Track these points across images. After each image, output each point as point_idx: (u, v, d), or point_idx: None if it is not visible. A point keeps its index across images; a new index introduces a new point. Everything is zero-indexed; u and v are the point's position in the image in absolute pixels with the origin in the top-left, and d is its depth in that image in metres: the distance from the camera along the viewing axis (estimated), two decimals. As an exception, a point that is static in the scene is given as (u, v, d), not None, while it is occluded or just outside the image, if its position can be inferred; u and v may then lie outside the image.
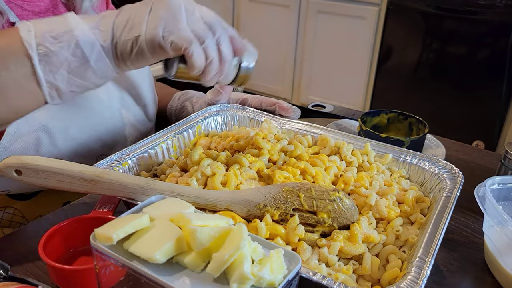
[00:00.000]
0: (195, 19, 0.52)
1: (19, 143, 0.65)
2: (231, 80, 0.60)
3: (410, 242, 0.53)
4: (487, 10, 2.01)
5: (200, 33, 0.52)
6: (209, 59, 0.53)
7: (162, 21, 0.50)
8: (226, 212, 0.53)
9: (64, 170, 0.50)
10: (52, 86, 0.50)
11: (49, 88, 0.50)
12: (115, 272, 0.37)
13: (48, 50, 0.48)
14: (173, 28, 0.50)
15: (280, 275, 0.34)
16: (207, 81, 0.55)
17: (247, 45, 0.59)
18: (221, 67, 0.55)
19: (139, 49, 0.51)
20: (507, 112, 2.10)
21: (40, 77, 0.49)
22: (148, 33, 0.50)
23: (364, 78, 2.49)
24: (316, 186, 0.55)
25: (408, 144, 0.79)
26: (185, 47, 0.50)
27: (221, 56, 0.54)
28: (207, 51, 0.52)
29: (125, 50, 0.51)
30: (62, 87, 0.50)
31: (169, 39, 0.50)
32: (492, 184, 0.61)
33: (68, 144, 0.70)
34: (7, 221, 0.73)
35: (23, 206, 0.73)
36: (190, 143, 0.74)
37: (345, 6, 2.42)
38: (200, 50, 0.52)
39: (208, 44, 0.52)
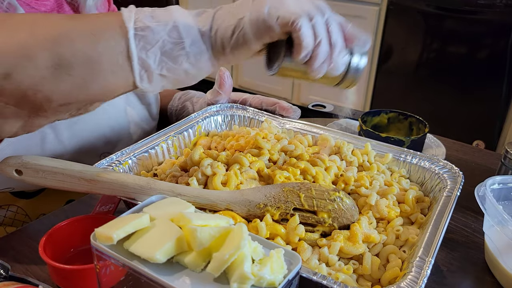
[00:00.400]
0: (303, 0, 0.48)
1: (25, 138, 0.65)
2: (339, 79, 0.53)
3: (410, 242, 0.53)
4: (487, 10, 2.01)
5: (309, 9, 0.47)
6: (318, 38, 0.48)
7: (267, 2, 0.47)
8: (226, 212, 0.53)
9: (65, 170, 0.50)
10: (143, 64, 0.48)
11: (140, 65, 0.48)
12: (116, 272, 0.37)
13: (144, 25, 0.47)
14: (278, 5, 0.47)
15: (281, 275, 0.34)
16: (314, 70, 0.50)
17: (359, 33, 0.52)
18: (331, 52, 0.49)
19: (242, 31, 0.48)
20: (507, 112, 2.10)
21: (132, 53, 0.47)
22: (253, 13, 0.47)
23: (364, 78, 2.49)
24: (316, 186, 0.55)
25: (408, 144, 0.79)
26: (292, 20, 0.46)
27: (330, 38, 0.49)
28: (316, 29, 0.47)
29: (226, 34, 0.48)
30: (152, 67, 0.48)
31: (275, 15, 0.46)
32: (492, 184, 0.61)
33: (73, 141, 0.71)
34: (10, 219, 0.73)
35: (26, 205, 0.73)
36: (190, 143, 0.74)
37: (345, 6, 2.42)
38: (309, 26, 0.47)
39: (317, 21, 0.47)
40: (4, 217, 0.72)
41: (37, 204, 0.74)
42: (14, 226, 0.73)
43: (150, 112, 0.85)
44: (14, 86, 0.43)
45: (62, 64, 0.44)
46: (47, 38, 0.44)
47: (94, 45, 0.45)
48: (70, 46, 0.45)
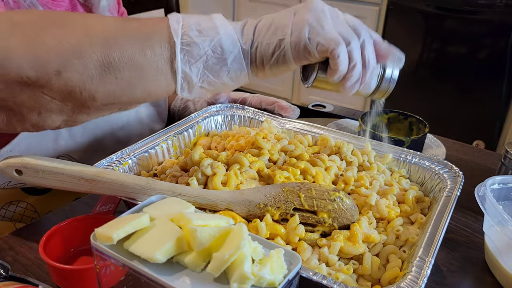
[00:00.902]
0: (340, 21, 0.51)
1: (39, 134, 0.65)
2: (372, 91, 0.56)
3: (410, 242, 0.53)
4: (487, 10, 2.01)
5: (346, 34, 0.50)
6: (352, 63, 0.50)
7: (307, 24, 0.49)
8: (226, 212, 0.53)
9: (65, 170, 0.50)
10: (185, 76, 0.50)
11: (183, 78, 0.50)
12: (116, 272, 0.37)
13: (191, 41, 0.48)
14: (319, 30, 0.49)
15: (281, 275, 0.34)
16: (347, 89, 0.52)
17: (392, 50, 0.55)
18: (364, 73, 0.52)
19: (282, 52, 0.49)
20: (507, 112, 2.10)
21: (177, 65, 0.49)
22: (294, 35, 0.49)
23: (364, 78, 2.49)
24: (316, 186, 0.55)
25: (408, 143, 0.79)
26: (332, 48, 0.48)
27: (364, 61, 0.51)
28: (352, 54, 0.50)
29: (267, 53, 0.50)
30: (194, 80, 0.50)
31: (315, 41, 0.48)
32: (492, 184, 0.61)
33: (86, 138, 0.72)
34: (19, 215, 0.74)
35: (36, 201, 0.74)
36: (190, 143, 0.74)
37: (345, 6, 2.42)
38: (345, 52, 0.49)
39: (353, 47, 0.50)
40: (14, 212, 0.73)
41: (47, 201, 0.75)
42: (23, 222, 0.74)
43: (160, 113, 0.86)
44: (63, 83, 0.45)
45: (110, 66, 0.46)
46: (99, 39, 0.46)
47: (143, 51, 0.47)
48: (119, 49, 0.46)
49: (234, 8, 2.87)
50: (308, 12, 0.50)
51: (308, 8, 0.50)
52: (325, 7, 0.51)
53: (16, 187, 0.71)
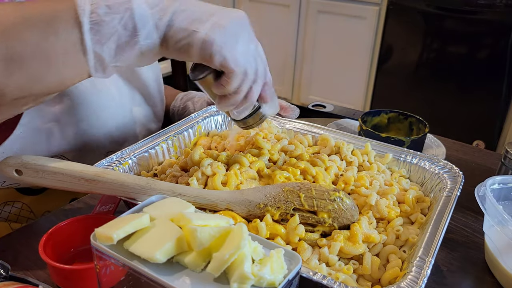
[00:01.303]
0: (251, 49, 0.52)
1: (32, 135, 0.65)
2: (242, 118, 0.60)
3: (410, 242, 0.53)
4: (487, 10, 2.01)
5: (249, 67, 0.52)
6: (239, 89, 0.53)
7: (224, 31, 0.49)
8: (226, 212, 0.53)
9: (64, 170, 0.50)
10: (97, 57, 0.48)
11: (95, 59, 0.48)
12: (116, 272, 0.37)
13: (99, 19, 0.46)
14: (231, 45, 0.49)
15: (281, 275, 0.34)
16: (221, 106, 0.55)
17: (274, 97, 0.60)
18: (242, 102, 0.55)
19: (190, 43, 0.49)
20: (507, 112, 2.10)
21: (87, 47, 0.47)
22: (206, 35, 0.48)
23: (364, 78, 2.49)
24: (316, 186, 0.55)
25: (408, 144, 0.79)
26: (232, 71, 0.50)
27: (248, 94, 0.54)
28: (242, 84, 0.52)
29: (176, 37, 0.49)
30: (107, 59, 0.48)
31: (223, 54, 0.49)
32: (492, 184, 0.61)
33: (79, 138, 0.71)
34: (15, 215, 0.73)
35: (31, 201, 0.74)
36: (190, 143, 0.74)
37: (345, 6, 2.42)
38: (240, 78, 0.51)
39: (248, 79, 0.52)
40: (9, 213, 0.72)
41: (42, 201, 0.74)
42: (19, 223, 0.73)
43: (156, 112, 0.86)
44: None
45: (14, 59, 0.44)
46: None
47: (46, 37, 0.45)
48: (20, 39, 0.44)
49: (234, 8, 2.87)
50: (231, 20, 0.50)
51: (232, 17, 0.50)
52: (247, 25, 0.52)
53: (10, 187, 0.70)
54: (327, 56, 2.61)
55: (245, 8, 2.82)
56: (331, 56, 2.59)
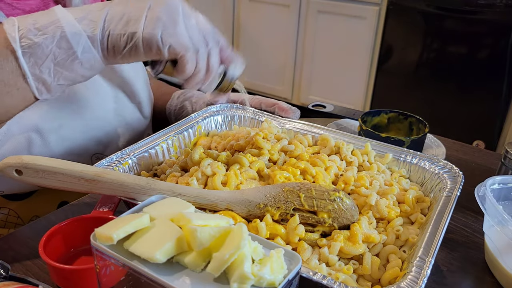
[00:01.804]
0: (192, 25, 0.52)
1: (10, 144, 0.64)
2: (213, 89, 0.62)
3: (410, 242, 0.53)
4: (487, 10, 2.01)
5: (196, 42, 0.52)
6: (197, 68, 0.54)
7: (160, 22, 0.49)
8: (226, 212, 0.53)
9: (65, 170, 0.50)
10: (38, 79, 0.49)
11: (36, 81, 0.49)
12: (116, 272, 0.37)
13: (31, 42, 0.47)
14: (171, 31, 0.50)
15: (281, 275, 0.34)
16: (188, 86, 0.56)
17: (235, 57, 0.60)
18: (206, 77, 0.56)
19: (134, 45, 0.50)
20: (507, 112, 2.10)
21: (25, 71, 0.47)
22: (146, 32, 0.49)
23: (364, 78, 2.49)
24: (316, 186, 0.55)
25: (408, 144, 0.79)
26: (182, 54, 0.50)
27: (209, 67, 0.55)
28: (199, 61, 0.53)
29: (118, 43, 0.50)
30: (48, 80, 0.49)
31: (167, 42, 0.49)
32: (492, 184, 0.61)
33: (61, 144, 0.70)
34: (2, 221, 0.72)
35: (18, 207, 0.73)
36: (190, 143, 0.74)
37: (345, 6, 2.42)
38: (193, 59, 0.52)
39: (201, 54, 0.53)
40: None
41: (29, 206, 0.73)
42: (6, 228, 0.73)
43: (142, 111, 0.84)
44: None
45: None
46: None
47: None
48: None
49: (234, 8, 2.87)
50: (161, 9, 0.50)
51: (163, 4, 0.50)
52: (179, 7, 0.51)
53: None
54: (327, 56, 2.61)
55: (245, 8, 2.82)
56: (331, 56, 2.59)
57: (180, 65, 0.53)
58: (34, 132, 0.66)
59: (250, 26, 2.84)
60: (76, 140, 0.72)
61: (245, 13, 2.84)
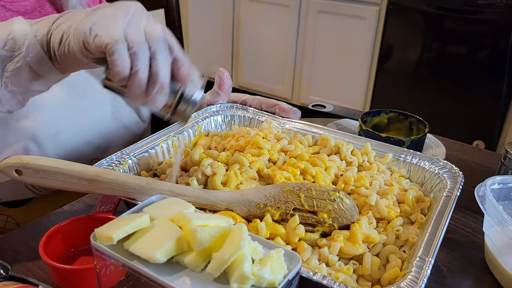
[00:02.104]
0: (136, 25, 0.45)
1: (7, 154, 0.64)
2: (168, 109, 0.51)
3: (410, 242, 0.53)
4: (487, 10, 2.01)
5: (132, 38, 0.44)
6: (133, 69, 0.45)
7: (97, 16, 0.45)
8: (226, 212, 0.53)
9: (65, 170, 0.50)
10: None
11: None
12: (116, 272, 0.37)
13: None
14: (104, 23, 0.44)
15: (281, 275, 0.34)
16: (131, 98, 0.47)
17: (192, 72, 0.50)
18: (151, 87, 0.47)
19: (67, 41, 0.45)
20: (507, 112, 2.10)
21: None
22: (79, 25, 0.44)
23: (364, 78, 2.49)
24: (316, 186, 0.55)
25: (408, 144, 0.79)
26: (106, 44, 0.43)
27: (152, 74, 0.46)
28: (134, 59, 0.45)
29: (56, 41, 0.46)
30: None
31: (94, 33, 0.43)
32: (492, 183, 0.61)
33: (58, 151, 0.69)
34: (0, 228, 0.72)
35: (16, 213, 0.73)
36: (190, 143, 0.74)
37: (345, 6, 2.42)
38: (124, 53, 0.44)
39: (137, 52, 0.44)
40: None
41: (28, 212, 0.73)
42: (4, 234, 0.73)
43: (140, 114, 0.83)
44: None
45: None
46: None
47: None
48: None
49: (234, 8, 2.87)
50: (108, 8, 0.46)
51: (111, 5, 0.46)
52: (130, 7, 0.46)
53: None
54: (327, 56, 2.61)
55: (245, 8, 2.82)
56: (331, 56, 2.59)
57: (109, 61, 0.44)
58: (30, 140, 0.66)
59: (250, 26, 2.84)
60: (73, 146, 0.71)
61: (245, 13, 2.83)
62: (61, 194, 0.75)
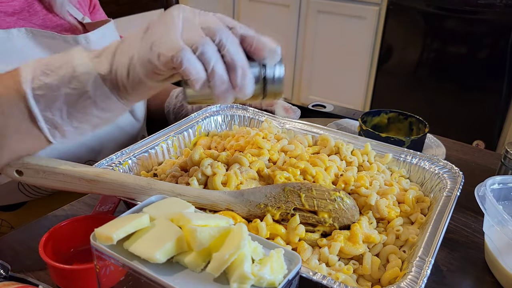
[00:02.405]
0: (192, 27, 0.44)
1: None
2: (260, 94, 0.48)
3: (410, 242, 0.53)
4: (487, 10, 2.01)
5: (192, 39, 0.43)
6: (209, 67, 0.43)
7: (156, 35, 0.44)
8: (226, 212, 0.53)
9: (65, 170, 0.50)
10: (50, 122, 0.46)
11: (48, 124, 0.46)
12: (115, 272, 0.37)
13: (42, 83, 0.44)
14: (162, 39, 0.43)
15: (281, 275, 0.34)
16: (219, 98, 0.45)
17: (266, 43, 0.46)
18: (232, 76, 0.45)
19: (134, 70, 0.45)
20: (507, 112, 2.10)
21: (36, 114, 0.45)
22: (141, 51, 0.44)
23: (364, 78, 2.49)
24: (317, 186, 0.55)
25: (408, 144, 0.79)
26: (171, 57, 0.42)
27: (228, 62, 0.44)
28: (204, 58, 0.43)
29: (123, 76, 0.46)
30: (61, 122, 0.46)
31: (157, 52, 0.43)
32: (492, 183, 0.61)
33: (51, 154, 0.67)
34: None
35: (10, 217, 0.73)
36: (190, 143, 0.74)
37: (345, 6, 2.42)
38: (192, 58, 0.43)
39: (204, 51, 0.43)
40: None
41: (23, 216, 0.73)
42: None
43: (134, 114, 0.82)
44: None
45: None
46: None
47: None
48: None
49: (234, 8, 2.87)
50: (159, 24, 0.45)
51: (159, 20, 0.45)
52: (178, 13, 0.45)
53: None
54: (327, 56, 2.61)
55: (245, 8, 2.82)
56: (331, 56, 2.59)
57: (182, 73, 0.43)
58: None
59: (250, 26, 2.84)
60: (67, 148, 0.70)
61: (245, 13, 2.83)
62: (55, 198, 0.75)
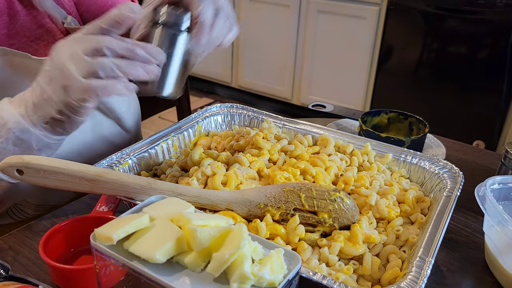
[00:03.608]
0: (79, 59, 0.49)
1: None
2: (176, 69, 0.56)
3: (410, 242, 0.53)
4: (487, 10, 2.01)
5: (87, 69, 0.49)
6: (115, 74, 0.49)
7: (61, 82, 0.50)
8: (226, 212, 0.53)
9: (65, 170, 0.50)
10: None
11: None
12: (115, 272, 0.37)
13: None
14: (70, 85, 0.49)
15: (280, 275, 0.34)
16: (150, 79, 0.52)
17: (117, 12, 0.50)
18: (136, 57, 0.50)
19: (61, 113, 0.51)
20: (507, 112, 2.10)
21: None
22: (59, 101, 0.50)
23: (364, 78, 2.49)
24: (317, 186, 0.55)
25: (408, 144, 0.79)
26: (84, 98, 0.49)
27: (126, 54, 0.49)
28: (108, 73, 0.49)
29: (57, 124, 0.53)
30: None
31: (71, 98, 0.50)
32: (492, 183, 0.61)
33: None
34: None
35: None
36: (190, 143, 0.74)
37: (345, 6, 2.42)
38: (101, 84, 0.49)
39: (101, 69, 0.48)
40: None
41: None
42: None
43: (122, 125, 0.82)
44: None
45: None
46: None
47: None
48: None
49: (234, 8, 2.87)
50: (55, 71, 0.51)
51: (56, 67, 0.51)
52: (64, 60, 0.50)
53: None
54: (327, 56, 2.61)
55: (245, 8, 2.82)
56: (331, 56, 2.59)
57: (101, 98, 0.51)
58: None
59: (250, 26, 2.84)
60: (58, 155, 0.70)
61: (245, 13, 2.83)
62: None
